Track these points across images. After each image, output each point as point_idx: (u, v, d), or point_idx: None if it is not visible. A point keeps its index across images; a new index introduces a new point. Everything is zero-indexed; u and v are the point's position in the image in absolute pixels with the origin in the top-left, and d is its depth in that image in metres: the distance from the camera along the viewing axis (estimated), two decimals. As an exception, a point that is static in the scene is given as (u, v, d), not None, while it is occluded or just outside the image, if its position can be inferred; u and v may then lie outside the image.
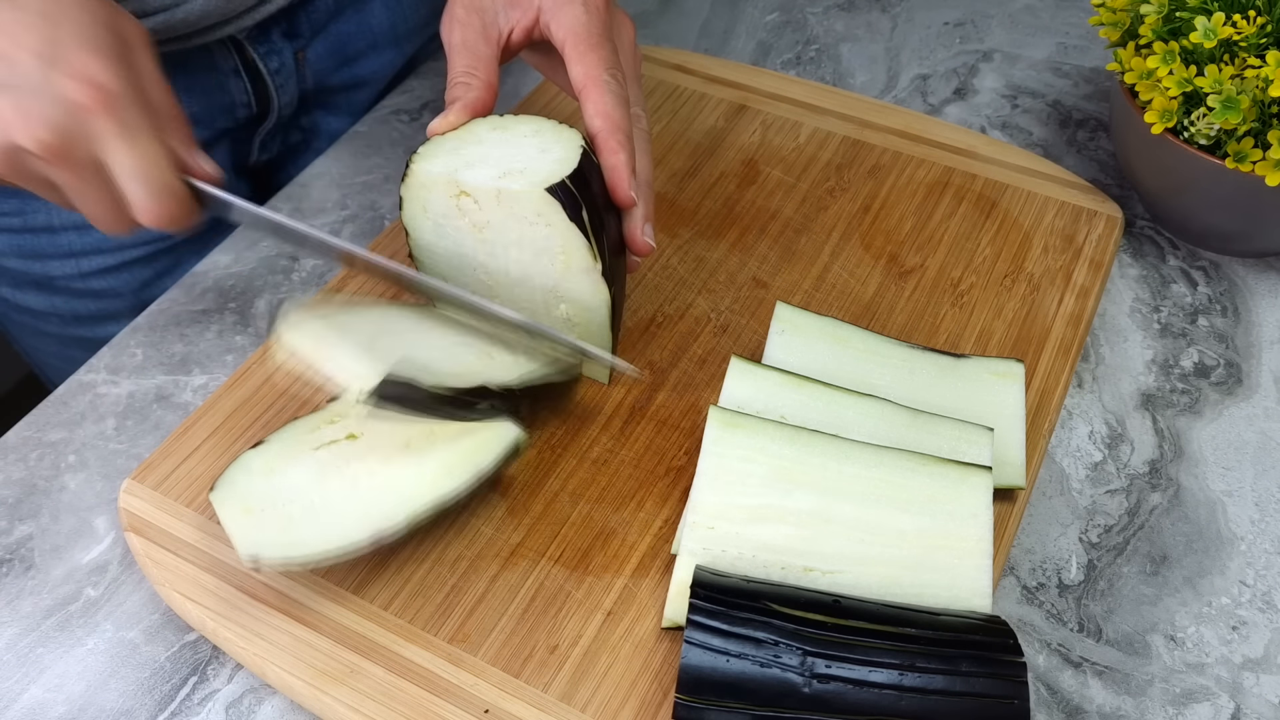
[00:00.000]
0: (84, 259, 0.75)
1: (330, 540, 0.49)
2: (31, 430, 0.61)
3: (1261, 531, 0.56)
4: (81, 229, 0.74)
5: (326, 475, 0.51)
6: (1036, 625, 0.53)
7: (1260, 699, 0.51)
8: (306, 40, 0.76)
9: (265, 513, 0.50)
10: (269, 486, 0.51)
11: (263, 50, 0.73)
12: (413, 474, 0.51)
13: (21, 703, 0.51)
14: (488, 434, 0.52)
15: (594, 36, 0.55)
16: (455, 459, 0.52)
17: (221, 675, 0.52)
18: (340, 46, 0.79)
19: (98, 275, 0.76)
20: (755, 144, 0.73)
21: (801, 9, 0.88)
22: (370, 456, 0.52)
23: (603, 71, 0.54)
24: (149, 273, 0.78)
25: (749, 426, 0.51)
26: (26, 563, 0.56)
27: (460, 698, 0.48)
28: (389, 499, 0.50)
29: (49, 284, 0.76)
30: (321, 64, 0.78)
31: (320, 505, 0.50)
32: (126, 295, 0.78)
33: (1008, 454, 0.55)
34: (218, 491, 0.50)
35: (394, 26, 0.81)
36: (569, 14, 0.55)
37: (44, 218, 0.73)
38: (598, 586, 0.52)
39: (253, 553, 0.48)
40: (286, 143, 0.82)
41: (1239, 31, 0.58)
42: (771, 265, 0.66)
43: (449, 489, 0.51)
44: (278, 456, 0.52)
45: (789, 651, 0.45)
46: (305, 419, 0.54)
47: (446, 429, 0.52)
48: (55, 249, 0.74)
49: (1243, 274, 0.68)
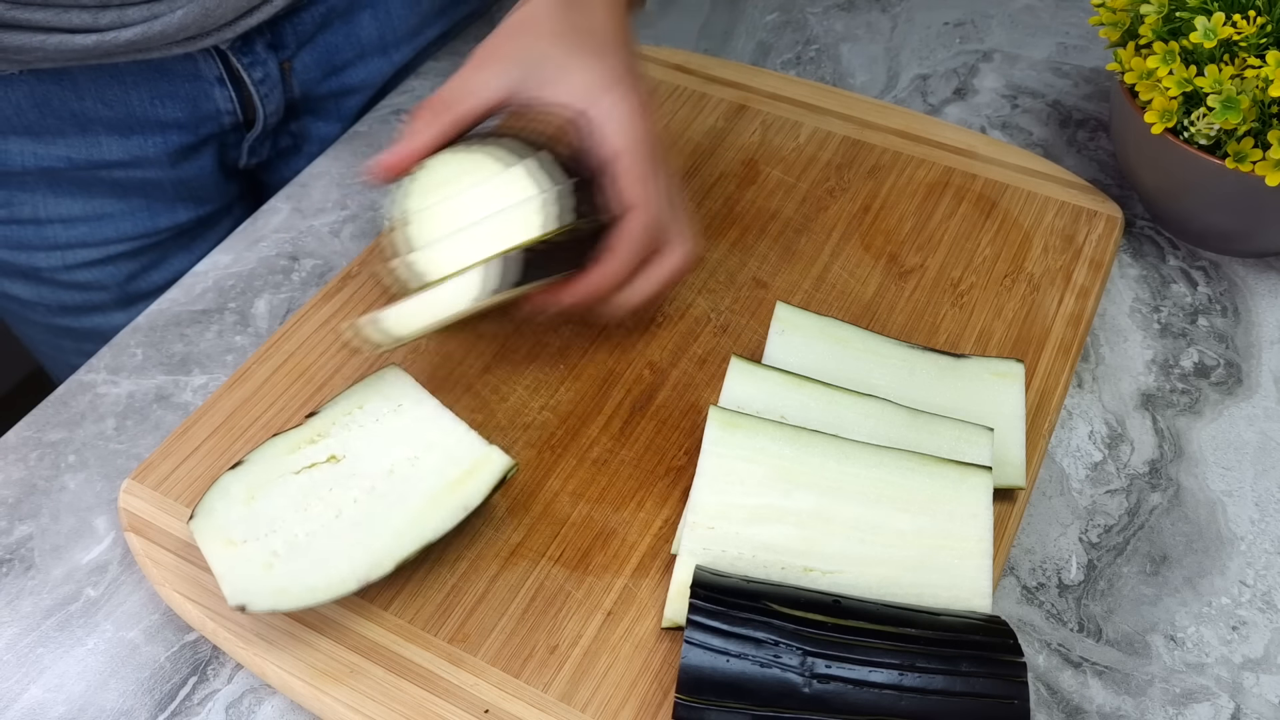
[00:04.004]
0: (69, 251, 0.75)
1: (317, 590, 0.48)
2: (31, 430, 0.61)
3: (1261, 531, 0.56)
4: (67, 222, 0.74)
5: (309, 503, 0.50)
6: (1036, 625, 0.53)
7: (1260, 699, 0.51)
8: (292, 51, 0.76)
9: (248, 545, 0.48)
10: (250, 514, 0.49)
11: (246, 61, 0.73)
12: (398, 511, 0.50)
13: (21, 703, 0.51)
14: (475, 463, 0.51)
15: (650, 160, 0.54)
16: (441, 491, 0.51)
17: (221, 675, 0.52)
18: (327, 57, 0.78)
19: (83, 268, 0.76)
20: (755, 144, 0.73)
21: (801, 9, 0.88)
22: (353, 483, 0.51)
23: (653, 201, 0.54)
24: (135, 266, 0.78)
25: (749, 426, 0.51)
26: (26, 563, 0.56)
27: (460, 698, 0.48)
28: (375, 542, 0.49)
29: (35, 275, 0.77)
30: (308, 74, 0.78)
31: (304, 540, 0.49)
32: (112, 288, 0.78)
33: (1008, 454, 0.55)
34: (197, 520, 0.49)
35: (382, 36, 0.80)
36: (624, 126, 0.54)
37: (30, 210, 0.73)
38: (598, 586, 0.52)
39: (240, 601, 0.47)
40: (276, 147, 0.82)
41: (1239, 31, 0.58)
42: (771, 265, 0.66)
43: (434, 529, 0.50)
44: (258, 481, 0.50)
45: (789, 651, 0.45)
46: (285, 435, 0.52)
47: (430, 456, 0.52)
48: (41, 241, 0.74)
49: (1243, 274, 0.68)
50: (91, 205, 0.74)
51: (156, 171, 0.74)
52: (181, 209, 0.78)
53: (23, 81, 0.67)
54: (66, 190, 0.73)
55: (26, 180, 0.71)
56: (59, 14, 0.62)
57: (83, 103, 0.69)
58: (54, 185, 0.72)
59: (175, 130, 0.73)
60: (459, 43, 0.84)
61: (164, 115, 0.72)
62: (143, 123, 0.71)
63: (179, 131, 0.73)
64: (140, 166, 0.73)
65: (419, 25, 0.82)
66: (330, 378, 0.60)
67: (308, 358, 0.61)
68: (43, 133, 0.69)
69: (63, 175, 0.72)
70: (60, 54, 0.64)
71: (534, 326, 0.62)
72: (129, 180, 0.74)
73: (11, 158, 0.70)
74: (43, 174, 0.71)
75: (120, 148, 0.72)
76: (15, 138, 0.69)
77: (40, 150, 0.70)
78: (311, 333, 0.62)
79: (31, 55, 0.63)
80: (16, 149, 0.69)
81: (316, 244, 0.70)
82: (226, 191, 0.81)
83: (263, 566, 0.48)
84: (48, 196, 0.73)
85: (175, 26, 0.65)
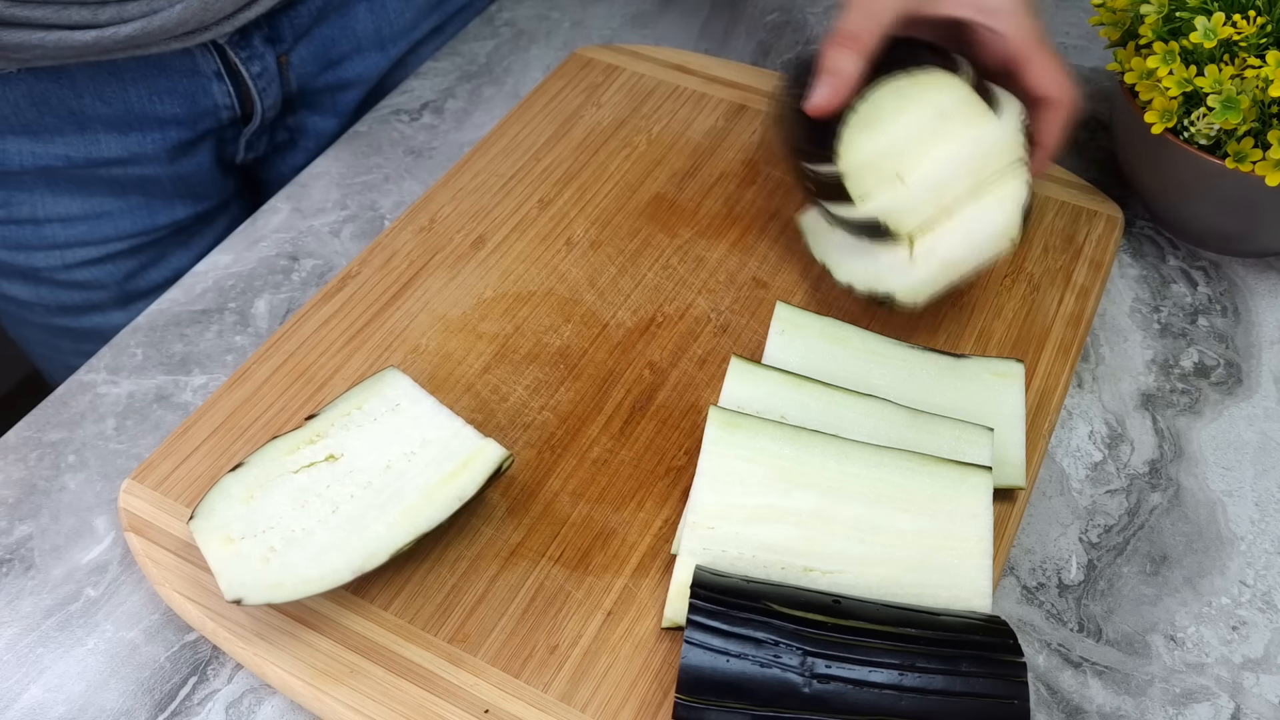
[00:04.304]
0: (68, 250, 0.75)
1: (311, 580, 0.48)
2: (31, 430, 0.61)
3: (1261, 531, 0.56)
4: (66, 221, 0.74)
5: (307, 500, 0.50)
6: (1036, 625, 0.53)
7: (1260, 699, 0.51)
8: (289, 45, 0.76)
9: (245, 542, 0.49)
10: (248, 513, 0.50)
11: (244, 55, 0.73)
12: (393, 504, 0.50)
13: (21, 703, 0.51)
14: (470, 455, 0.52)
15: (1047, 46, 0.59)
16: (437, 484, 0.51)
17: (221, 675, 0.52)
18: (324, 50, 0.79)
19: (82, 267, 0.76)
20: (755, 144, 0.73)
21: (801, 9, 0.88)
22: (350, 480, 0.51)
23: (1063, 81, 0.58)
24: (134, 264, 0.78)
25: (749, 426, 0.51)
26: (26, 563, 0.56)
27: (460, 698, 0.48)
28: (370, 534, 0.49)
29: (34, 275, 0.77)
30: (305, 68, 0.78)
31: (301, 535, 0.49)
32: (111, 287, 0.78)
33: (1008, 454, 0.55)
34: (197, 520, 0.49)
35: (378, 30, 0.81)
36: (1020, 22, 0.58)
37: (28, 209, 0.73)
38: (598, 586, 0.52)
39: (237, 595, 0.47)
40: (273, 142, 0.82)
41: (1239, 31, 0.58)
42: (771, 265, 0.66)
43: (429, 519, 0.50)
44: (257, 481, 0.51)
45: (789, 651, 0.45)
46: (285, 437, 0.52)
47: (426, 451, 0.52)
48: (40, 240, 0.74)
49: (1243, 274, 0.68)
50: (90, 204, 0.74)
51: (155, 168, 0.74)
52: (180, 206, 0.78)
53: (20, 80, 0.67)
54: (65, 189, 0.73)
55: (25, 180, 0.71)
56: (59, 11, 0.62)
57: (81, 100, 0.69)
58: (52, 184, 0.72)
59: (173, 126, 0.73)
60: (458, 42, 0.84)
61: (162, 111, 0.72)
62: (141, 119, 0.72)
63: (177, 127, 0.74)
64: (139, 163, 0.74)
65: (415, 19, 0.83)
66: (330, 378, 0.60)
67: (308, 358, 0.61)
68: (41, 131, 0.69)
69: (61, 174, 0.72)
70: (59, 51, 0.64)
71: (534, 326, 0.63)
72: (127, 178, 0.74)
73: (9, 157, 0.70)
74: (41, 173, 0.71)
75: (119, 145, 0.72)
76: (13, 137, 0.69)
77: (38, 149, 0.70)
78: (311, 333, 0.62)
79: (31, 53, 0.63)
80: (14, 148, 0.69)
81: (316, 244, 0.70)
82: (224, 187, 0.81)
83: (260, 561, 0.48)
84: (46, 196, 0.73)
85: (174, 21, 0.65)
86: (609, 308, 0.64)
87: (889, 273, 0.57)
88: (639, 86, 0.77)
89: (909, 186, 0.56)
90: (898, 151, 0.56)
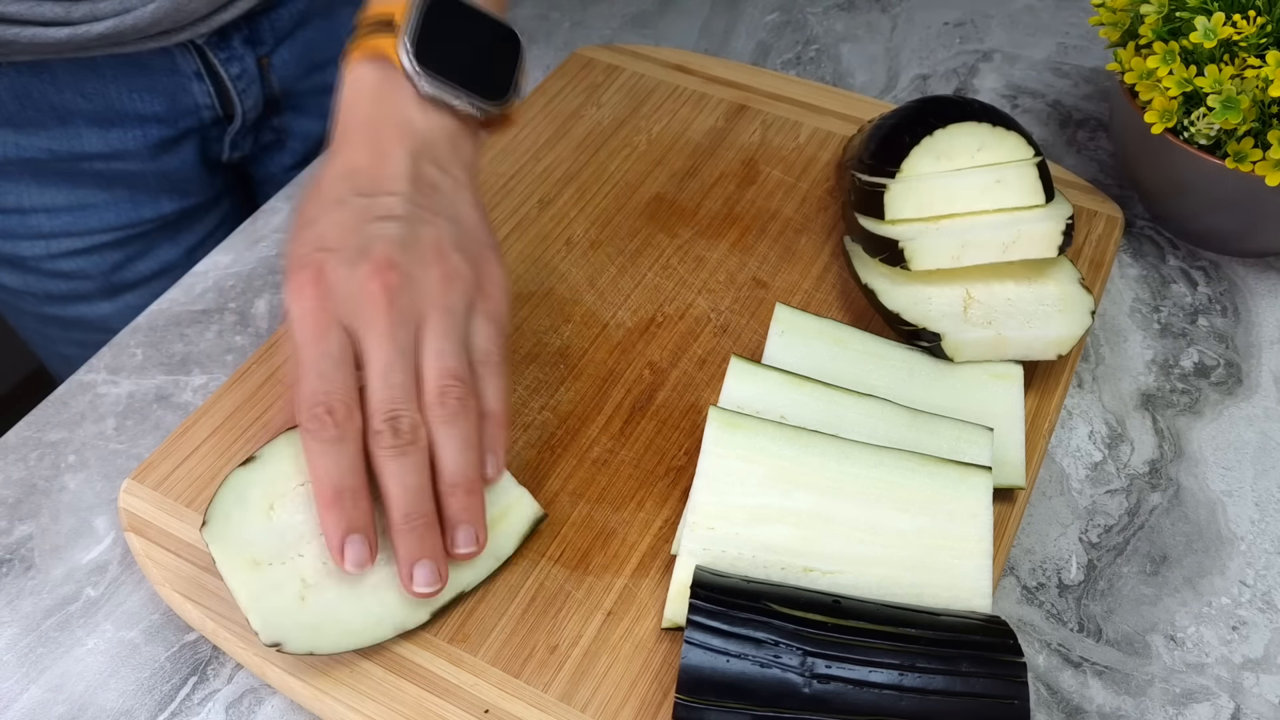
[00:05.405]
0: (54, 240, 0.75)
1: (353, 633, 0.47)
2: (31, 430, 0.61)
3: (1261, 531, 0.56)
4: (51, 211, 0.74)
5: None
6: (1036, 625, 0.53)
7: (1260, 699, 0.51)
8: (270, 47, 0.76)
9: (274, 569, 0.47)
10: (272, 531, 0.48)
11: (223, 56, 0.73)
12: None
13: (21, 703, 0.51)
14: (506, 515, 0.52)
15: None
16: None
17: (221, 675, 0.52)
18: (307, 53, 0.78)
19: (67, 257, 0.76)
20: (755, 144, 0.73)
21: (801, 9, 0.88)
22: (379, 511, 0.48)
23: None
24: (119, 256, 0.78)
25: (749, 427, 0.51)
26: (26, 563, 0.56)
27: (460, 698, 0.48)
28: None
29: (21, 263, 0.77)
30: (288, 70, 0.78)
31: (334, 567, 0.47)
32: (97, 278, 0.78)
33: (1008, 454, 0.55)
34: (211, 527, 0.47)
35: None
36: None
37: (14, 199, 0.73)
38: (598, 586, 0.52)
39: (275, 639, 0.46)
40: (259, 142, 0.82)
41: (1239, 31, 0.58)
42: (771, 265, 0.66)
43: (469, 580, 0.50)
44: (274, 486, 0.48)
45: (789, 652, 0.45)
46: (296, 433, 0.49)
47: None
48: (25, 229, 0.74)
49: (1243, 274, 0.68)
50: (75, 195, 0.74)
51: (137, 164, 0.74)
52: (165, 200, 0.78)
53: (1, 74, 0.67)
54: (50, 180, 0.73)
55: (9, 170, 0.71)
56: (32, 7, 0.62)
57: (62, 95, 0.69)
58: (37, 175, 0.72)
59: (155, 124, 0.73)
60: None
61: (143, 109, 0.72)
62: (122, 116, 0.72)
63: (158, 125, 0.74)
64: (121, 159, 0.74)
65: None
66: (330, 378, 0.60)
67: (308, 358, 0.61)
68: (24, 124, 0.69)
69: (45, 166, 0.72)
70: (35, 47, 0.64)
71: (534, 326, 0.63)
72: (110, 172, 0.74)
73: None
74: (25, 164, 0.71)
75: (100, 140, 0.72)
76: None
77: (22, 141, 0.70)
78: (311, 333, 0.62)
79: (7, 48, 0.64)
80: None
81: (316, 244, 0.70)
82: (211, 184, 0.81)
83: (293, 600, 0.47)
84: (31, 186, 0.73)
85: (147, 20, 0.65)
86: (609, 308, 0.64)
87: (941, 319, 0.57)
88: (639, 86, 0.77)
89: (939, 229, 0.58)
90: (947, 192, 0.58)
